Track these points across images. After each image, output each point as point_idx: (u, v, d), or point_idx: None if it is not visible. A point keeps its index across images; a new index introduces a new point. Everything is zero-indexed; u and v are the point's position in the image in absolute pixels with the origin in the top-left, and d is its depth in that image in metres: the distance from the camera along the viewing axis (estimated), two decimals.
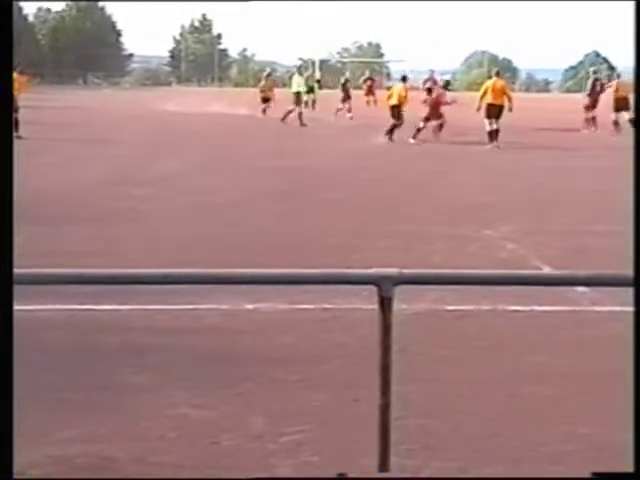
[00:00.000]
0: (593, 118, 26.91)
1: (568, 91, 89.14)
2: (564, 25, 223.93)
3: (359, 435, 3.91)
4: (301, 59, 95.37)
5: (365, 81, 40.89)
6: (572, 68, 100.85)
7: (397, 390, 3.11)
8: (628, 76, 28.31)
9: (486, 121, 20.99)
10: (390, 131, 22.09)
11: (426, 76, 33.71)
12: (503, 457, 4.13)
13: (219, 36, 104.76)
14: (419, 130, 21.77)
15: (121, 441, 4.21)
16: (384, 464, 2.96)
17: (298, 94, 28.89)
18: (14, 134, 15.77)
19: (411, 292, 3.08)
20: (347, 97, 32.34)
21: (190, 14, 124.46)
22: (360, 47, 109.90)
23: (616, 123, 25.38)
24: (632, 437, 2.88)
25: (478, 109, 21.41)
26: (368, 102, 37.38)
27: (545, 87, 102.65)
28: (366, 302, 3.10)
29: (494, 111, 20.83)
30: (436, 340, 5.85)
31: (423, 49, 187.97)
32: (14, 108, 18.34)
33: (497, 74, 22.21)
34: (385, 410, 2.99)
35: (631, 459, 2.81)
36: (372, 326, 2.99)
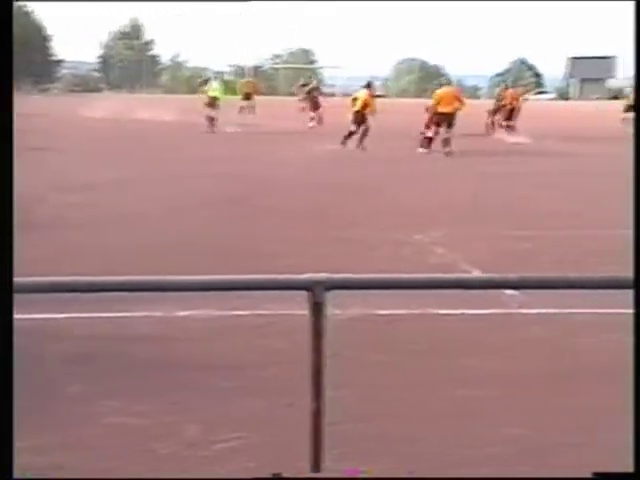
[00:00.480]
0: (492, 123, 28.22)
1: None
2: (492, 32, 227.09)
3: (294, 440, 3.93)
4: (233, 65, 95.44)
5: (300, 88, 41.14)
6: (499, 75, 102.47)
7: (331, 395, 3.15)
8: (552, 83, 28.87)
9: (432, 128, 21.18)
10: (347, 137, 22.07)
11: (363, 82, 33.88)
12: (436, 460, 4.19)
13: (150, 42, 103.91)
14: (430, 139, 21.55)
15: (54, 451, 4.17)
16: (317, 467, 2.99)
17: (213, 99, 28.76)
18: None
19: (343, 297, 3.12)
20: (316, 107, 31.87)
21: (120, 20, 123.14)
22: (292, 53, 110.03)
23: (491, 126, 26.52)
24: (632, 437, 2.93)
25: (431, 118, 21.51)
26: (304, 109, 37.57)
27: (474, 93, 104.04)
28: (300, 307, 3.12)
29: (446, 119, 21.06)
30: (369, 345, 5.90)
31: (354, 55, 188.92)
32: None
33: (448, 83, 22.63)
34: (317, 414, 3.03)
35: (631, 459, 2.86)
36: (306, 331, 3.02)
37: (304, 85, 41.32)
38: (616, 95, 64.42)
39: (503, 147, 22.62)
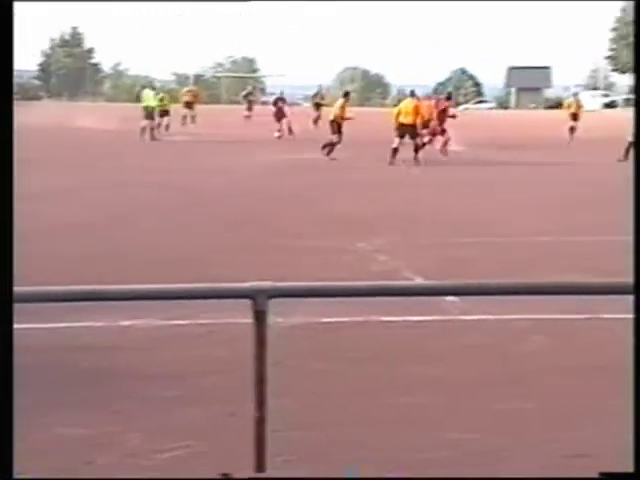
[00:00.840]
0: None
1: None
2: (433, 42, 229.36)
3: (237, 449, 3.92)
4: (175, 74, 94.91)
5: (246, 96, 41.15)
6: (440, 84, 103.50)
7: (273, 403, 3.15)
8: (492, 92, 29.27)
9: (396, 139, 21.28)
10: (328, 146, 22.06)
11: (307, 92, 34.05)
12: (379, 466, 4.21)
13: (91, 50, 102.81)
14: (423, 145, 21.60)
15: None
16: (261, 471, 3.00)
17: (149, 108, 28.54)
18: None
19: (286, 305, 3.13)
20: (282, 115, 31.65)
21: (61, 27, 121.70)
22: (234, 61, 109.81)
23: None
24: (632, 437, 2.96)
25: (396, 129, 21.44)
26: (248, 117, 37.62)
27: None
28: (242, 316, 3.12)
29: (406, 131, 21.21)
30: (311, 353, 5.92)
31: (296, 64, 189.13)
32: None
33: (412, 94, 22.72)
34: (260, 423, 3.03)
35: (631, 459, 2.89)
36: (248, 340, 3.02)
37: (248, 94, 41.39)
38: (552, 104, 65.45)
39: (443, 156, 22.82)
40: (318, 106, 36.56)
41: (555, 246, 10.17)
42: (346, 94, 24.37)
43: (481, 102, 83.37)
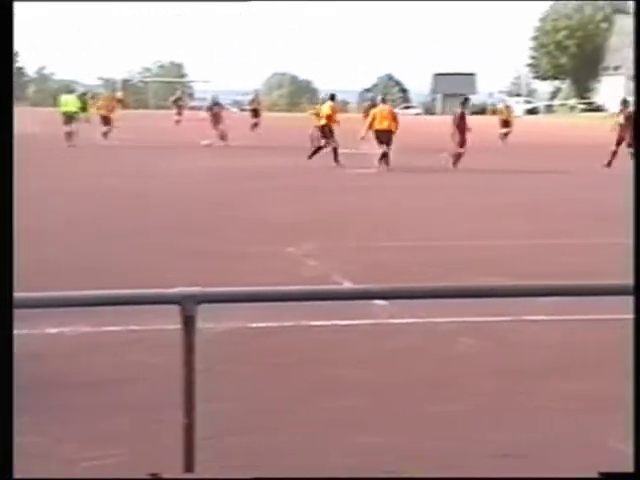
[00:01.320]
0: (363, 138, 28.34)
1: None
2: (360, 48, 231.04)
3: (166, 456, 3.90)
4: (102, 78, 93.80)
5: (175, 101, 41.06)
6: (367, 90, 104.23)
7: (203, 409, 3.14)
8: (418, 98, 29.57)
9: (377, 146, 21.34)
10: (314, 153, 22.08)
11: (234, 97, 34.03)
12: (303, 470, 4.22)
13: (15, 54, 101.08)
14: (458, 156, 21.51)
15: None
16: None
17: (68, 114, 28.12)
18: None
19: (215, 310, 3.13)
20: (218, 121, 31.11)
21: None
22: (162, 66, 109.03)
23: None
24: (632, 438, 2.99)
25: (362, 137, 21.52)
26: (179, 121, 37.50)
27: (343, 108, 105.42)
28: (172, 322, 3.11)
29: (383, 136, 21.29)
30: (241, 358, 5.91)
31: (224, 70, 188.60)
32: None
33: (383, 101, 22.76)
34: (189, 429, 3.02)
35: (631, 460, 2.92)
36: (177, 346, 3.01)
37: (177, 99, 41.27)
38: (477, 110, 66.44)
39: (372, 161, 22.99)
40: (256, 112, 36.41)
41: (478, 250, 10.33)
42: (332, 97, 24.17)
43: (408, 108, 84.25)
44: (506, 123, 34.07)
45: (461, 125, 22.40)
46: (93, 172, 19.42)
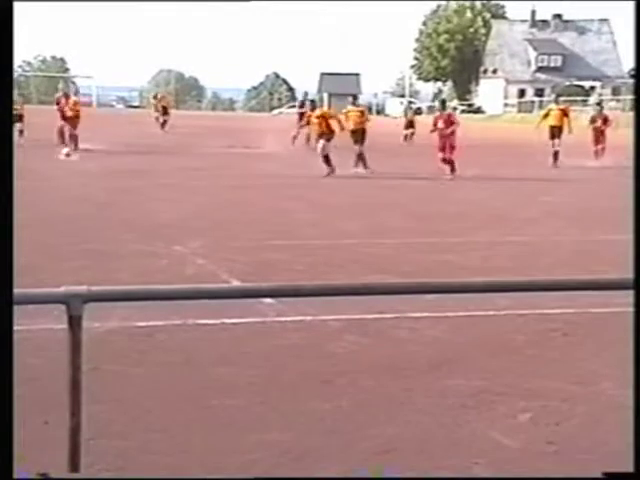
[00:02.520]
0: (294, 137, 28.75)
1: (251, 110, 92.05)
2: (246, 46, 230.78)
3: (48, 460, 3.84)
4: None
5: (60, 97, 39.49)
6: (254, 88, 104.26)
7: (89, 410, 3.10)
8: (312, 96, 29.75)
9: (354, 147, 21.32)
10: (361, 160, 21.22)
11: (119, 92, 33.34)
12: (193, 469, 4.22)
13: None
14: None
15: None
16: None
17: None
18: None
19: (102, 310, 3.10)
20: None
21: None
22: (44, 61, 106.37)
23: None
24: (632, 438, 3.02)
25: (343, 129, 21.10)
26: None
27: (230, 106, 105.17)
28: (57, 322, 3.07)
29: (354, 136, 21.34)
30: (127, 357, 5.85)
31: (109, 66, 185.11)
32: None
33: (354, 99, 23.09)
34: (75, 431, 2.98)
35: (631, 459, 2.95)
36: (63, 346, 2.97)
37: (65, 95, 39.76)
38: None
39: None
40: (165, 110, 35.08)
41: (361, 248, 10.48)
42: (355, 97, 23.99)
43: (294, 107, 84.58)
44: (411, 124, 34.67)
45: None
46: None
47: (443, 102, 22.30)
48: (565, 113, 24.77)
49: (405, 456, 4.44)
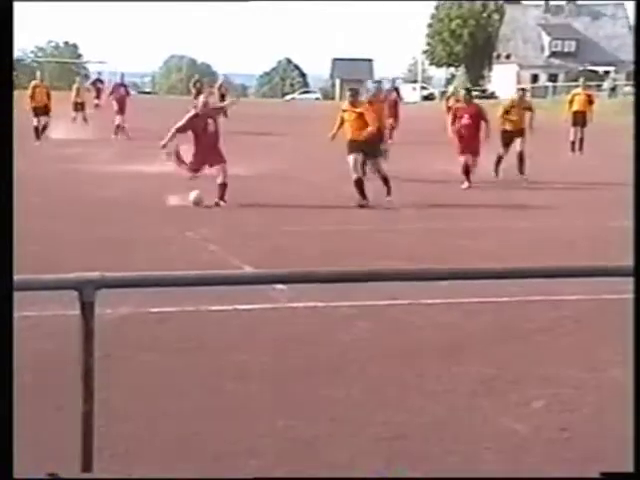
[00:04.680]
0: None
1: (264, 96, 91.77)
2: (259, 32, 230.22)
3: (63, 444, 3.86)
4: None
5: (93, 83, 38.02)
6: (266, 74, 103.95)
7: (101, 396, 3.12)
8: (317, 83, 29.47)
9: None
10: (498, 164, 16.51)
11: (132, 78, 32.62)
12: (203, 455, 4.24)
13: None
14: None
15: None
16: (87, 469, 2.97)
17: None
18: None
19: (114, 296, 3.10)
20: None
21: None
22: (56, 47, 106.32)
23: None
24: (632, 437, 3.03)
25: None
26: (97, 105, 34.90)
27: (243, 92, 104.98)
28: (70, 308, 3.07)
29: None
30: (140, 344, 5.87)
31: (121, 51, 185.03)
32: None
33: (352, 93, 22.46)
34: (88, 417, 2.99)
35: (631, 459, 2.96)
36: (76, 332, 2.98)
37: (96, 81, 38.54)
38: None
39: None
40: (222, 97, 33.44)
41: (371, 234, 10.47)
42: (523, 90, 20.63)
43: (307, 92, 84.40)
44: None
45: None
46: None
47: (468, 91, 17.29)
48: (590, 100, 22.98)
49: (415, 442, 4.45)
